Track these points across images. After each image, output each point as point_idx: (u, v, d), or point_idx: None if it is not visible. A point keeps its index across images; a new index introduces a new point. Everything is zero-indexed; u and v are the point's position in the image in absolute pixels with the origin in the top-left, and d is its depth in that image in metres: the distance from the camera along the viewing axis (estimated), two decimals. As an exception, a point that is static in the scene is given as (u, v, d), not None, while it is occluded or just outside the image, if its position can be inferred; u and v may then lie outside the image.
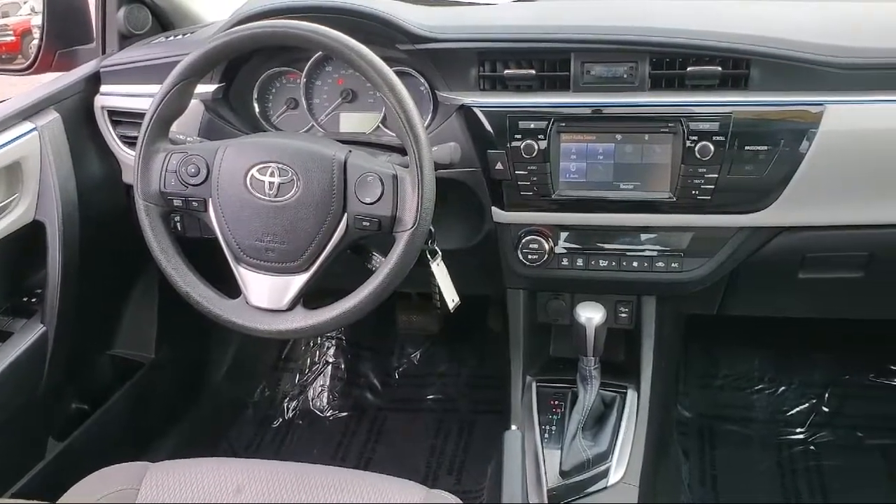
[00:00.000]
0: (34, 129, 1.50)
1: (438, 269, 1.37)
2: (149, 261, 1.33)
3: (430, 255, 1.36)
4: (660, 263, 1.45)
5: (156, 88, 1.30)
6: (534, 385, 1.59)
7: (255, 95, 1.57)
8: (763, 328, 2.17)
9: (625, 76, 1.35)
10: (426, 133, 1.21)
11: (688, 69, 1.32)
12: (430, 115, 1.47)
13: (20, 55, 1.84)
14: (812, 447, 2.08)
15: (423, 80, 1.47)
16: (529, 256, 1.46)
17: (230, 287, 1.31)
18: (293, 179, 1.23)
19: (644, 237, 1.44)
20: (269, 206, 1.24)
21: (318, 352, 2.45)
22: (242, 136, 1.40)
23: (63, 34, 1.73)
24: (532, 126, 1.36)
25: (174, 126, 1.35)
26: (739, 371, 2.27)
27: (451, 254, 1.41)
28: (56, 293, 1.56)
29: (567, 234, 1.46)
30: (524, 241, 1.46)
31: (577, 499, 1.40)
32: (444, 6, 1.52)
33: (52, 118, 1.54)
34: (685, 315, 1.88)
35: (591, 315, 1.39)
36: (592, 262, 1.46)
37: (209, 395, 2.25)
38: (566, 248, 1.47)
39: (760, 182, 1.33)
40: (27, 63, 1.75)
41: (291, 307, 1.26)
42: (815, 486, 1.97)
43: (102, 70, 1.64)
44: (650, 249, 1.44)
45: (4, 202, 1.48)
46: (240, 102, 1.56)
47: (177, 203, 1.30)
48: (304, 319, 1.25)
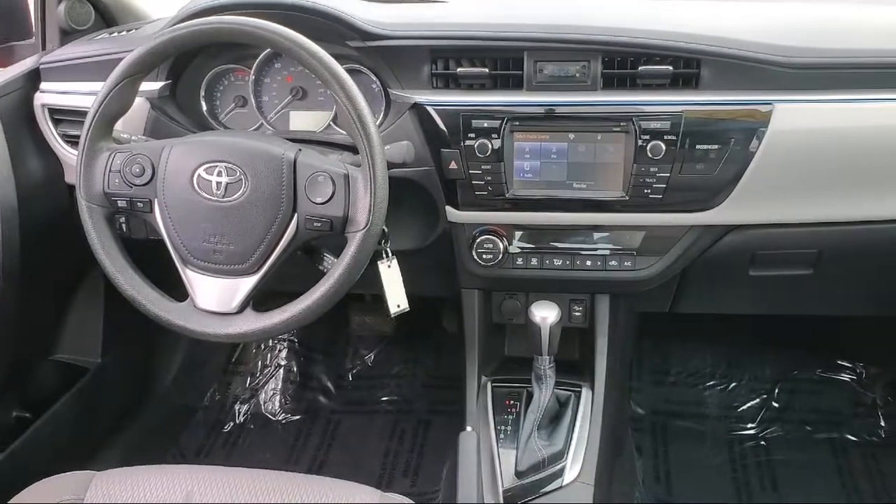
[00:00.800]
0: (-31, 129, 1.45)
1: (388, 272, 1.36)
2: (93, 263, 1.29)
3: (383, 257, 1.35)
4: (613, 262, 1.45)
5: (99, 86, 1.27)
6: (489, 385, 1.59)
7: (203, 93, 1.55)
8: (714, 325, 2.20)
9: (577, 75, 1.35)
10: (378, 131, 1.20)
11: (639, 69, 1.33)
12: (383, 114, 1.46)
13: (-46, 52, 1.78)
14: (763, 442, 2.12)
15: (375, 78, 1.45)
16: (484, 256, 1.46)
17: (177, 290, 1.29)
18: (241, 179, 1.21)
19: (597, 236, 1.45)
20: (217, 207, 1.22)
21: (270, 354, 2.41)
22: (189, 135, 1.37)
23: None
24: (486, 125, 1.35)
25: (118, 125, 1.32)
26: (691, 368, 2.30)
27: (406, 254, 1.40)
28: None
29: (521, 234, 1.46)
30: (479, 241, 1.45)
31: (533, 499, 1.40)
32: (397, 2, 1.50)
33: (-11, 117, 1.49)
34: (638, 313, 1.89)
35: (546, 314, 1.39)
36: (547, 262, 1.47)
37: (157, 401, 2.20)
38: (521, 248, 1.47)
39: (711, 181, 1.35)
40: (-39, 60, 1.69)
41: (241, 310, 1.24)
42: (767, 481, 2.00)
43: (42, 66, 1.60)
44: (603, 248, 1.45)
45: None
46: (187, 100, 1.53)
47: (121, 204, 1.27)
48: (254, 322, 1.23)
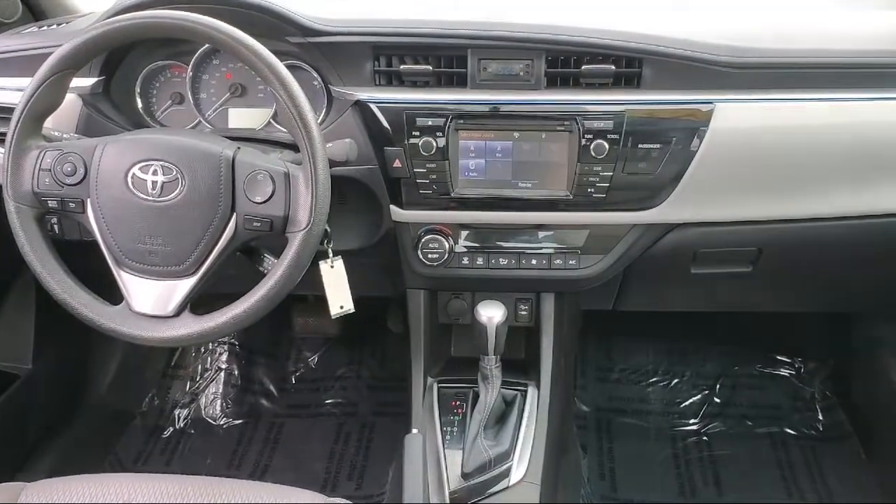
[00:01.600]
0: None
1: (330, 273, 1.35)
2: (23, 266, 1.25)
3: (326, 258, 1.33)
4: (558, 261, 1.46)
5: (27, 81, 1.22)
6: (435, 386, 1.58)
7: (138, 90, 1.51)
8: (657, 322, 2.23)
9: (521, 74, 1.35)
10: (319, 129, 1.18)
11: (582, 68, 1.34)
12: (324, 111, 1.44)
13: None
14: (705, 437, 2.15)
15: (316, 75, 1.43)
16: (430, 256, 1.45)
17: (112, 293, 1.25)
18: (178, 178, 1.18)
19: (542, 235, 1.45)
20: (153, 207, 1.19)
21: (210, 358, 2.38)
22: (124, 133, 1.33)
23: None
24: (430, 123, 1.34)
25: (49, 122, 1.28)
26: (635, 364, 2.34)
27: (349, 254, 1.39)
28: None
29: (467, 233, 1.46)
30: (424, 241, 1.45)
31: (480, 500, 1.40)
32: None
33: None
34: (582, 311, 1.91)
35: (492, 314, 1.39)
36: (492, 261, 1.47)
37: (92, 407, 2.15)
38: (466, 247, 1.47)
39: (653, 180, 1.36)
40: None
41: (178, 313, 1.21)
42: (709, 476, 2.04)
43: (-34, 61, 1.53)
44: (548, 247, 1.46)
45: None
46: (121, 97, 1.49)
47: (52, 204, 1.23)
48: (192, 325, 1.20)
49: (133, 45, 1.44)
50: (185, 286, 1.21)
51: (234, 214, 1.19)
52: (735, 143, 1.34)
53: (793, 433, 2.16)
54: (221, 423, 2.25)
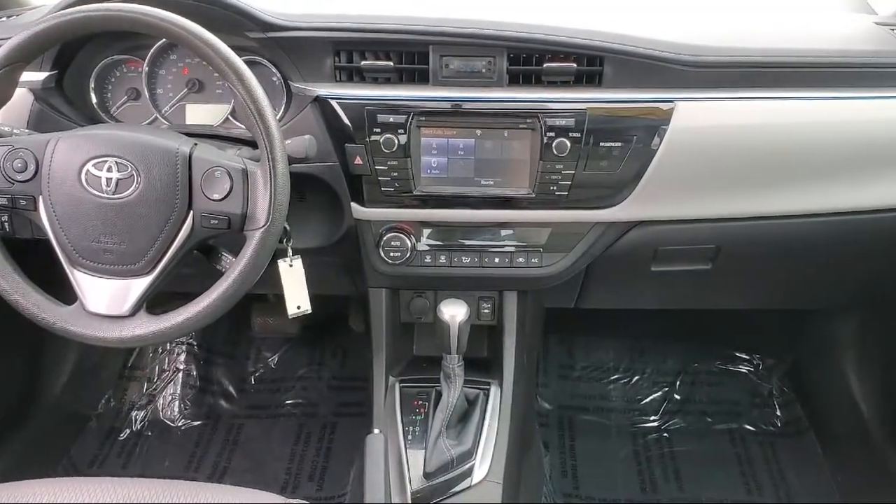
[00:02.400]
0: None
1: (288, 272, 1.33)
2: None
3: (285, 256, 1.32)
4: (520, 259, 1.46)
5: (-26, 75, 1.19)
6: (397, 386, 1.57)
7: (93, 85, 1.47)
8: (618, 319, 2.24)
9: (483, 71, 1.35)
10: (279, 125, 1.17)
11: (544, 65, 1.34)
12: (283, 107, 1.42)
13: None
14: (665, 434, 2.17)
15: (276, 70, 1.42)
16: (391, 254, 1.44)
17: (65, 292, 1.23)
18: (133, 175, 1.16)
19: (504, 233, 1.45)
20: (107, 204, 1.16)
21: (168, 358, 2.34)
22: (77, 129, 1.29)
23: None
24: (391, 120, 1.33)
25: (-3, 116, 1.24)
26: (596, 362, 2.35)
27: (310, 253, 1.38)
28: None
29: (429, 231, 1.45)
30: (386, 239, 1.44)
31: (442, 499, 1.39)
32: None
33: None
34: (544, 309, 1.91)
35: (455, 312, 1.38)
36: (455, 259, 1.46)
37: (46, 410, 2.10)
38: (429, 245, 1.46)
39: (615, 178, 1.37)
40: None
41: (133, 313, 1.19)
42: (670, 472, 2.06)
43: None
44: (510, 245, 1.46)
45: None
46: (75, 92, 1.46)
47: (1, 201, 1.20)
48: (148, 325, 1.18)
49: (87, 39, 1.41)
50: (141, 285, 1.18)
51: (191, 212, 1.17)
52: (695, 142, 1.35)
53: (751, 429, 2.19)
54: (179, 425, 2.21)
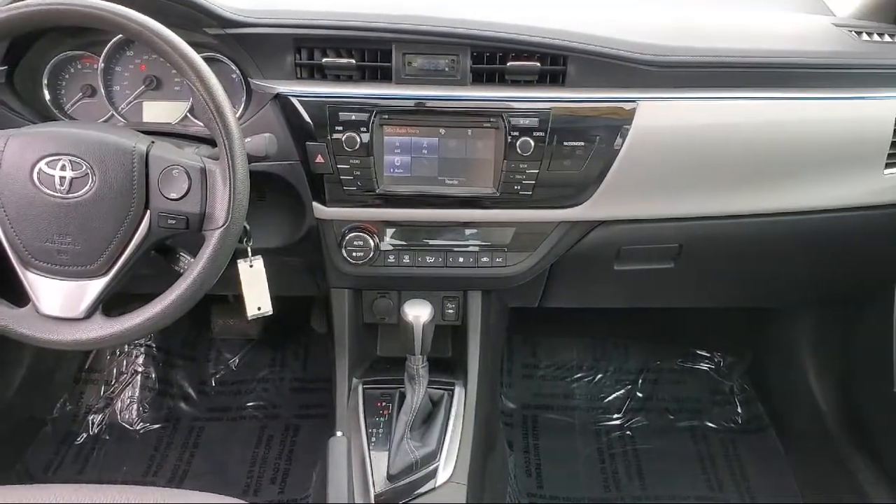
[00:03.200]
0: None
1: (248, 272, 1.32)
2: None
3: (244, 256, 1.30)
4: (485, 258, 1.46)
5: (-81, 70, 1.15)
6: (360, 387, 1.55)
7: (45, 81, 1.43)
8: (581, 319, 2.25)
9: (446, 69, 1.34)
10: (238, 123, 1.15)
11: (508, 64, 1.33)
12: (243, 105, 1.40)
13: None
14: (628, 432, 2.19)
15: (235, 67, 1.39)
16: (354, 254, 1.43)
17: (17, 294, 1.19)
18: (88, 173, 1.13)
19: (469, 233, 1.44)
20: (61, 204, 1.13)
21: (126, 361, 2.30)
22: (29, 126, 1.26)
23: None
24: (353, 118, 1.32)
25: (-57, 113, 1.20)
26: (559, 360, 2.36)
27: (270, 253, 1.36)
28: None
29: (393, 231, 1.44)
30: (348, 239, 1.42)
31: (407, 501, 1.38)
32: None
33: None
34: (508, 308, 1.91)
35: (419, 313, 1.37)
36: (419, 259, 1.45)
37: None
38: (392, 245, 1.45)
39: (578, 177, 1.37)
40: None
41: (89, 315, 1.16)
42: (633, 470, 2.07)
43: None
44: (475, 245, 1.45)
45: None
46: (26, 88, 1.41)
47: None
48: (104, 328, 1.16)
49: (38, 34, 1.37)
50: (97, 287, 1.16)
51: (148, 211, 1.14)
52: (657, 142, 1.36)
53: (713, 426, 2.21)
54: (138, 429, 2.18)
